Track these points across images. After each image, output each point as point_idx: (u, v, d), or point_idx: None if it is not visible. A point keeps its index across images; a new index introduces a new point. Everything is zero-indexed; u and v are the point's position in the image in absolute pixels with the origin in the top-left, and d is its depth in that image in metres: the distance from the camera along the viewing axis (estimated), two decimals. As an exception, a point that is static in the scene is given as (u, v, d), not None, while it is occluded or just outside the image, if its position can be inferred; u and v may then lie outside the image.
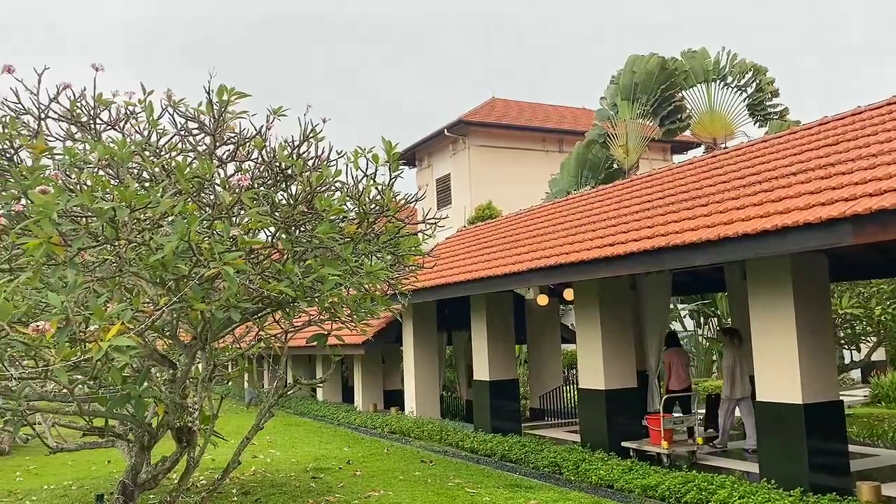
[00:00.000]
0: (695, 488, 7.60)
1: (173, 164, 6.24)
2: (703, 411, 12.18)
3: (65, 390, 6.34)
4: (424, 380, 15.30)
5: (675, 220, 8.49)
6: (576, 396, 13.28)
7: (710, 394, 12.98)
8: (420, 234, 7.94)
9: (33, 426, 8.06)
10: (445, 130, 27.71)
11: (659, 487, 7.90)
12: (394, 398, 17.53)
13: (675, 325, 22.10)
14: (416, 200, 7.66)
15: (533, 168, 27.37)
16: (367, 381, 17.58)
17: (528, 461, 10.10)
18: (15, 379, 5.63)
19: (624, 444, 9.89)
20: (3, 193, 6.65)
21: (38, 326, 4.75)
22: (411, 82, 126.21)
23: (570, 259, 9.14)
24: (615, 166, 22.08)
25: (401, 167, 7.21)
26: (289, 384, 8.96)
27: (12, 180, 6.44)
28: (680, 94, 21.89)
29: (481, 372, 12.95)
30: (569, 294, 12.16)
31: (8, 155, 6.78)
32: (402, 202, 7.43)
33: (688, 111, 21.94)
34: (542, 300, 13.83)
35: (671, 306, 17.24)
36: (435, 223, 7.89)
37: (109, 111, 7.15)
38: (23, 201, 5.66)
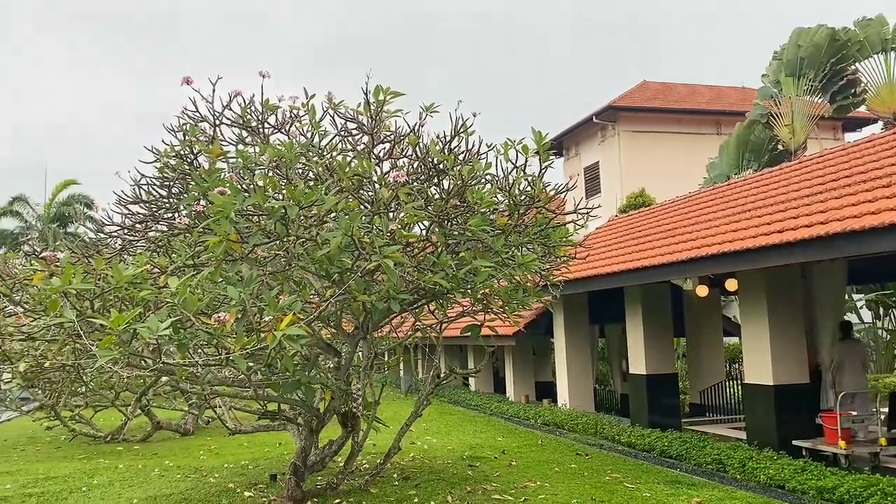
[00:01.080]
0: (878, 493, 6.99)
1: (335, 163, 6.57)
2: (886, 409, 11.18)
3: (242, 376, 6.88)
4: (577, 372, 15.13)
5: (853, 204, 7.84)
6: (739, 392, 12.61)
7: (894, 391, 11.89)
8: (571, 225, 7.85)
9: (215, 409, 8.77)
10: (594, 117, 27.14)
11: (837, 490, 7.34)
12: (545, 390, 17.46)
13: (851, 317, 20.40)
14: (567, 190, 7.57)
15: (688, 153, 26.22)
16: (518, 372, 17.63)
17: (690, 457, 9.72)
18: (200, 366, 6.16)
19: (795, 442, 9.27)
20: (186, 195, 7.30)
21: (219, 317, 5.16)
22: (548, 75, 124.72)
23: (733, 247, 8.68)
24: (780, 147, 20.69)
25: (551, 157, 7.16)
26: (444, 373, 9.17)
27: (193, 183, 7.05)
28: (853, 67, 20.12)
29: (637, 366, 12.61)
30: (731, 284, 11.54)
31: (189, 160, 7.40)
32: (553, 192, 7.36)
33: (862, 85, 20.13)
34: (702, 291, 13.24)
35: (846, 296, 15.93)
36: (587, 213, 7.77)
37: (276, 115, 7.61)
38: (202, 202, 6.17)
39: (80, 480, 9.54)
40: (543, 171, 6.99)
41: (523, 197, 6.97)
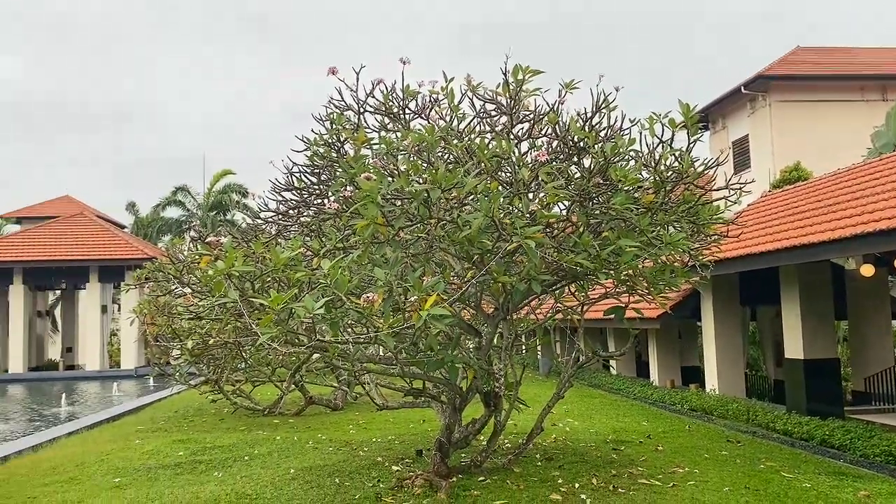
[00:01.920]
0: None
1: (474, 145, 6.61)
2: None
3: (389, 354, 7.12)
4: (726, 357, 14.46)
5: None
6: (912, 380, 11.60)
7: None
8: (722, 202, 7.47)
9: (363, 386, 9.14)
10: (742, 88, 25.65)
11: None
12: (691, 374, 16.83)
13: None
14: (717, 165, 7.21)
15: (848, 122, 24.22)
16: (662, 356, 17.10)
17: (854, 448, 9.06)
18: (350, 343, 6.43)
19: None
20: (334, 182, 7.61)
21: (368, 297, 5.35)
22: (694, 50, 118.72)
23: (904, 222, 7.96)
24: (959, 111, 18.68)
25: (699, 130, 6.84)
26: (587, 356, 9.04)
27: (340, 170, 7.33)
28: None
29: (794, 350, 11.87)
30: (901, 263, 10.61)
31: (336, 148, 7.70)
32: (702, 168, 7.03)
33: None
34: (867, 270, 12.24)
35: None
36: (739, 189, 7.37)
37: (416, 101, 7.76)
38: (349, 188, 6.40)
39: (242, 450, 10.25)
40: (692, 145, 6.71)
41: (670, 173, 6.71)
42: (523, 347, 19.40)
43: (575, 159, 6.96)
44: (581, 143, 6.78)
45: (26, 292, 33.91)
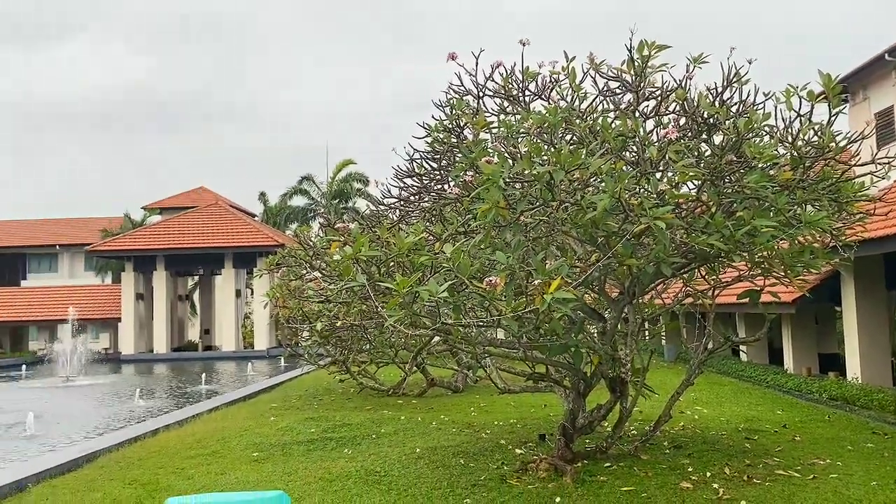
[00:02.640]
0: None
1: (598, 125, 6.46)
2: None
3: (512, 338, 7.12)
4: (871, 343, 13.50)
5: None
6: None
7: None
8: (868, 177, 6.95)
9: (485, 369, 9.21)
10: (886, 55, 23.67)
11: None
12: (829, 362, 15.84)
13: None
14: (863, 138, 6.70)
15: None
16: (798, 342, 16.18)
17: None
18: (474, 326, 6.48)
19: None
20: (454, 167, 7.67)
21: (490, 281, 5.36)
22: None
23: None
24: None
25: (841, 102, 6.38)
26: (719, 341, 8.69)
27: (460, 154, 7.37)
28: None
29: (949, 336, 10.93)
30: None
31: (456, 133, 7.75)
32: (845, 142, 6.56)
33: None
34: None
35: None
36: (887, 163, 6.83)
37: (536, 82, 7.67)
38: (469, 172, 6.43)
39: (370, 429, 10.59)
40: (834, 117, 6.26)
41: (809, 149, 6.31)
42: (653, 333, 18.84)
43: (705, 136, 6.68)
44: (711, 119, 6.50)
45: (168, 278, 36.44)
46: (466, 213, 6.71)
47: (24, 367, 30.17)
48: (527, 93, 7.70)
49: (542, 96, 7.67)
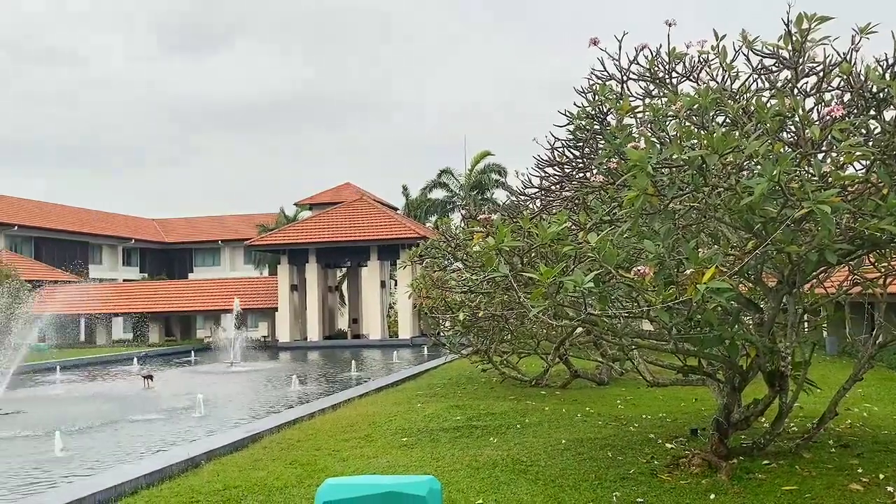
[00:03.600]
0: None
1: (753, 104, 6.12)
2: None
3: (661, 329, 6.92)
4: None
5: None
6: None
7: None
8: None
9: (632, 361, 9.00)
10: None
11: None
12: None
13: None
14: None
15: None
16: None
17: None
18: (621, 317, 6.35)
19: None
20: (597, 154, 7.53)
21: (639, 270, 5.22)
22: None
23: None
24: None
25: None
26: (892, 334, 8.00)
27: (604, 141, 7.23)
28: None
29: None
30: None
31: (599, 119, 7.60)
32: None
33: None
34: None
35: None
36: None
37: (684, 63, 7.38)
38: (614, 159, 6.29)
39: (514, 418, 10.65)
40: None
41: None
42: (816, 325, 17.63)
43: (873, 112, 6.16)
44: (882, 94, 5.98)
45: (319, 270, 38.31)
46: (612, 200, 6.58)
47: (192, 353, 32.78)
48: (674, 74, 7.43)
49: (691, 77, 7.37)
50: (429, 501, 5.18)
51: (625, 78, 7.53)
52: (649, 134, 6.26)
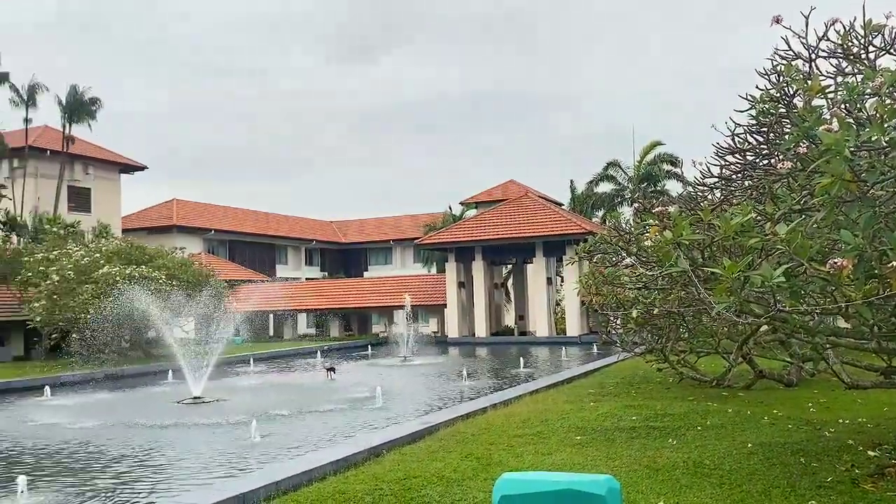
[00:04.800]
0: None
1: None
2: None
3: (862, 327, 6.34)
4: None
5: None
6: None
7: None
8: None
9: (827, 361, 8.33)
10: None
11: None
12: None
13: None
14: None
15: None
16: None
17: None
18: (816, 314, 5.90)
19: None
20: (785, 138, 7.03)
21: (835, 263, 4.82)
22: None
23: None
24: None
25: None
26: None
27: (791, 125, 6.73)
28: None
29: None
30: None
31: (784, 101, 7.09)
32: None
33: None
34: None
35: None
36: None
37: (882, 35, 6.72)
38: (803, 143, 5.84)
39: (694, 420, 10.21)
40: None
41: None
42: None
43: None
44: None
45: (485, 267, 38.83)
46: (802, 188, 6.13)
47: (369, 347, 34.40)
48: (870, 49, 6.79)
49: (892, 51, 6.70)
50: (608, 501, 5.11)
51: (813, 56, 6.98)
52: (843, 114, 5.76)
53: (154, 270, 27.74)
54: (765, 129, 7.51)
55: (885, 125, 5.13)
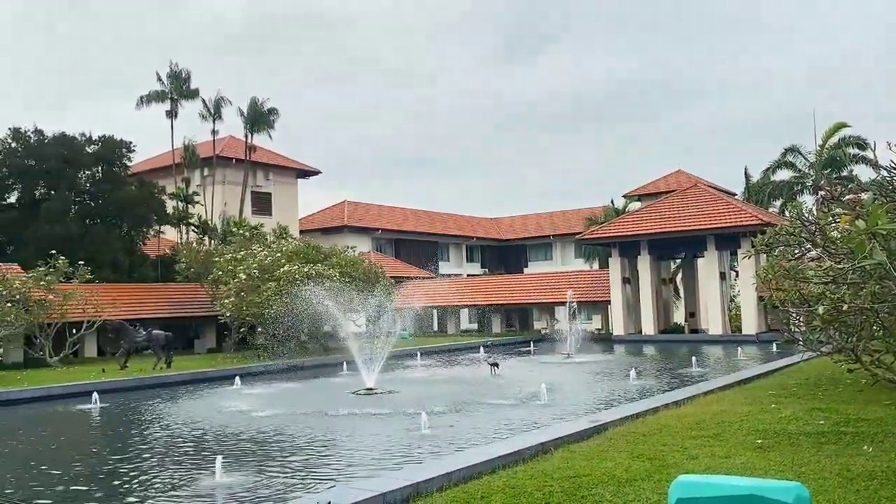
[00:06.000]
0: None
1: None
2: None
3: None
4: None
5: None
6: None
7: None
8: None
9: None
10: None
11: None
12: None
13: None
14: None
15: None
16: None
17: None
18: None
19: None
20: None
21: None
22: None
23: None
24: None
25: None
26: None
27: None
28: None
29: None
30: None
31: None
32: None
33: None
34: None
35: None
36: None
37: None
38: None
39: (892, 426, 9.33)
40: None
41: None
42: None
43: None
44: None
45: (651, 262, 37.55)
46: None
47: (531, 343, 34.40)
48: None
49: None
50: (797, 510, 4.79)
51: None
52: None
53: (329, 268, 29.35)
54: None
55: None
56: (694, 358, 22.95)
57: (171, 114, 40.53)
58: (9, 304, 23.33)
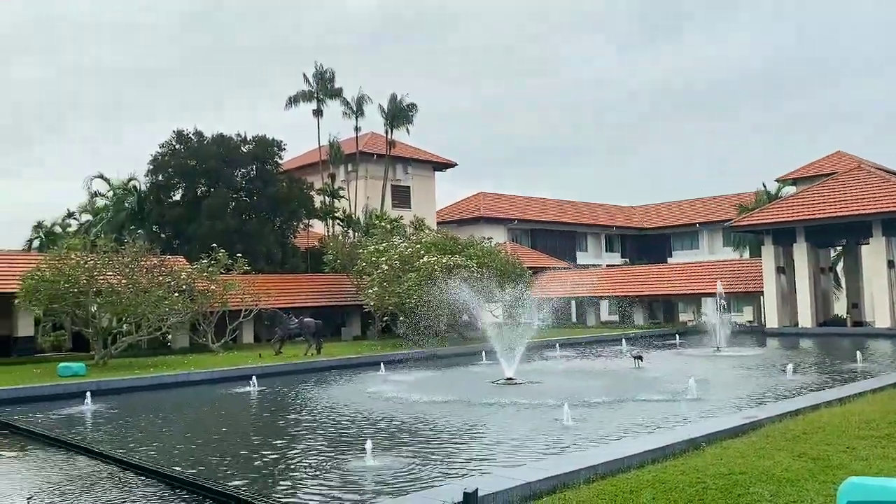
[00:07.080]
0: None
1: None
2: None
3: None
4: None
5: None
6: None
7: None
8: None
9: None
10: None
11: None
12: None
13: None
14: None
15: None
16: None
17: None
18: None
19: None
20: None
21: None
22: None
23: None
24: None
25: None
26: None
27: None
28: None
29: None
30: None
31: None
32: None
33: None
34: None
35: None
36: None
37: None
38: None
39: None
40: None
41: None
42: None
43: None
44: None
45: (808, 250, 35.11)
46: None
47: (676, 336, 33.15)
48: None
49: None
50: None
51: None
52: None
53: (466, 259, 29.66)
54: None
55: None
56: (858, 353, 21.22)
57: (318, 112, 42.36)
58: (177, 294, 25.33)
